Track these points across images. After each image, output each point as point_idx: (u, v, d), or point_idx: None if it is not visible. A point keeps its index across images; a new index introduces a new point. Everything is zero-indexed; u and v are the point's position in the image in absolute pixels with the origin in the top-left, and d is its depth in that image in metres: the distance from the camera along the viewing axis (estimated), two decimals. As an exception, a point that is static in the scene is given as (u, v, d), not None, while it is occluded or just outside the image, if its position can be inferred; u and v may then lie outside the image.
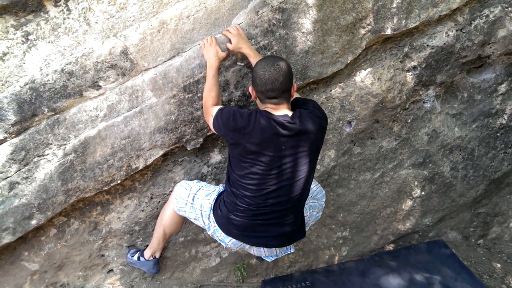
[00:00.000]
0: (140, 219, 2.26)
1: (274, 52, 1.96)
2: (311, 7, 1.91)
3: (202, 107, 1.97)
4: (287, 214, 1.66)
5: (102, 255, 2.33)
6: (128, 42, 1.82)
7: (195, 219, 1.91)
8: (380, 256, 2.79)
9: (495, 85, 2.50)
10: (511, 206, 3.10)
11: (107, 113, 1.91)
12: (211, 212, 1.80)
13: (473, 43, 2.23)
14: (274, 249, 1.75)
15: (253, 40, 1.92)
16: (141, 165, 2.05)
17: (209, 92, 1.75)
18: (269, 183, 1.58)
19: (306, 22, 1.94)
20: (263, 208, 1.62)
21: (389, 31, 2.07)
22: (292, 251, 1.83)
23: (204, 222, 1.85)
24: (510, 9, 2.17)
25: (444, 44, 2.21)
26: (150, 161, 2.06)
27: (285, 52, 1.97)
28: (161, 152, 2.07)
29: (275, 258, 1.85)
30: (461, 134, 2.60)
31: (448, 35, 2.20)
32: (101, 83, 1.86)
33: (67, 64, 1.78)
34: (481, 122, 2.61)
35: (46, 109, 1.83)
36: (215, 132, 1.73)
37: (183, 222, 2.13)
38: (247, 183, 1.60)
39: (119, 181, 2.04)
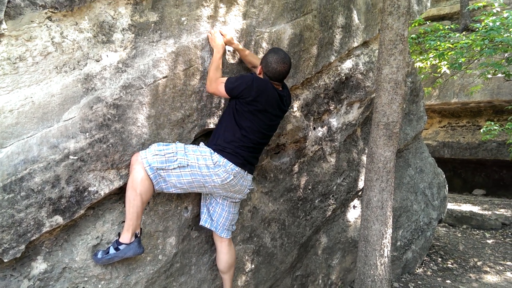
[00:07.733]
0: None
1: (110, 145, 1.99)
2: (144, 104, 2.10)
3: (47, 186, 1.78)
4: (259, 151, 2.44)
5: None
6: None
7: (179, 159, 2.10)
8: None
9: (290, 166, 3.19)
10: (317, 265, 3.76)
11: None
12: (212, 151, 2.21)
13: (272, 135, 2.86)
14: (248, 180, 2.38)
15: (87, 134, 1.91)
16: None
17: (217, 71, 2.25)
18: (261, 128, 2.29)
19: (141, 117, 2.09)
20: (254, 144, 2.30)
21: (211, 126, 2.44)
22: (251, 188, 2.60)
23: (192, 155, 2.16)
24: (291, 110, 2.94)
25: (253, 135, 2.74)
26: None
27: (121, 144, 2.03)
28: (-36, 271, 1.65)
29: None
30: (274, 208, 3.11)
31: (254, 128, 2.75)
32: None
33: None
34: (286, 196, 3.21)
35: None
36: (226, 95, 2.24)
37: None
38: (248, 125, 2.24)
39: None
